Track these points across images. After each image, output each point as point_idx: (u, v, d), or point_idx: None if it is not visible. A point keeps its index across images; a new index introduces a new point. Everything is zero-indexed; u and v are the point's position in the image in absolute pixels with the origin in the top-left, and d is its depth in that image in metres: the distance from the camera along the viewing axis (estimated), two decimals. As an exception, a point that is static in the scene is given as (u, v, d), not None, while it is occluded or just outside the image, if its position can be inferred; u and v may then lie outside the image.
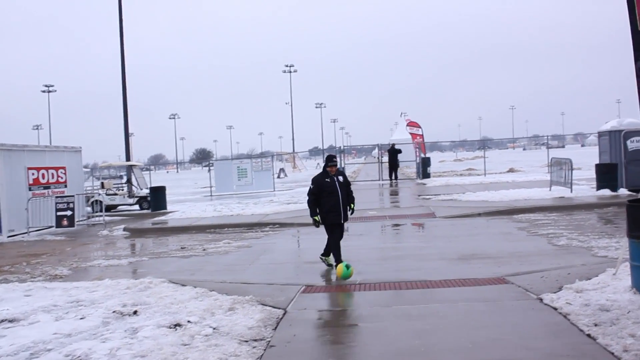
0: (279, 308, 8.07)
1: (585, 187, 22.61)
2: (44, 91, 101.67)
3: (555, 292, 7.94)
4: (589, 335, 6.26)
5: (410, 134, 45.35)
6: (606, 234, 13.30)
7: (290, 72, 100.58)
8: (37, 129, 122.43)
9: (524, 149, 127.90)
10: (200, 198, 32.96)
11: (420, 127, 47.92)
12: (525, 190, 23.54)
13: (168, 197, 27.80)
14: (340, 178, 10.80)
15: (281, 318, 7.63)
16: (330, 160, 10.78)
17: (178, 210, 24.70)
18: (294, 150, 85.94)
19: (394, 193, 28.70)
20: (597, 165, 22.31)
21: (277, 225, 18.36)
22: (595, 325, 6.46)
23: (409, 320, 7.39)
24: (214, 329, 7.07)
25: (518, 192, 22.57)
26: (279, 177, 50.14)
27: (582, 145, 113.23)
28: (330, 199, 10.57)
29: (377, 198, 26.52)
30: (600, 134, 23.99)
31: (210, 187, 35.52)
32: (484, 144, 57.86)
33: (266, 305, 8.21)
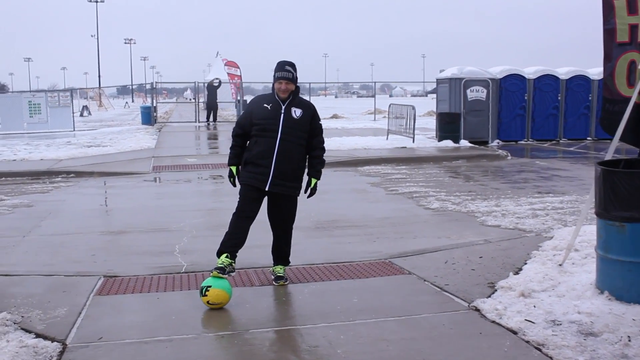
0: (53, 339, 4.60)
1: (422, 137, 20.94)
2: None
3: (490, 296, 5.37)
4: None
5: (228, 74, 41.99)
6: (477, 194, 11.26)
7: (97, 1, 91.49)
8: None
9: (336, 97, 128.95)
10: (-20, 137, 27.25)
11: (239, 67, 44.66)
12: (360, 138, 21.47)
13: None
14: (298, 112, 5.86)
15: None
16: (281, 68, 5.84)
17: (-57, 152, 19.48)
18: (99, 86, 78.44)
19: (214, 137, 25.39)
20: (439, 115, 20.70)
21: (72, 175, 14.39)
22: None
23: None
24: None
25: (354, 140, 20.37)
26: (81, 115, 44.31)
27: (390, 96, 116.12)
28: (261, 142, 5.80)
29: (196, 142, 23.08)
30: (439, 81, 22.41)
31: (-6, 124, 29.66)
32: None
33: (31, 331, 4.73)
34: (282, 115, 5.79)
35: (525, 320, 4.68)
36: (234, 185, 6.04)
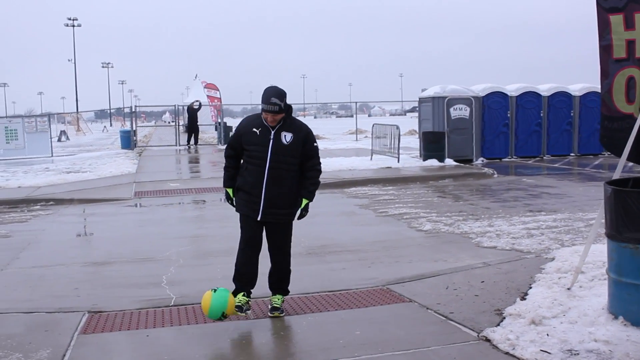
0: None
1: (406, 157, 20.76)
2: None
3: (499, 324, 5.10)
4: None
5: (208, 96, 41.79)
6: (468, 214, 11.05)
7: (73, 25, 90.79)
8: None
9: (315, 117, 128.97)
10: (-46, 164, 26.61)
11: (218, 89, 44.48)
12: (344, 159, 21.18)
13: None
14: (288, 137, 5.53)
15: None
16: (266, 101, 5.41)
17: None
18: (77, 111, 77.68)
19: (196, 160, 25.05)
20: (424, 134, 20.53)
21: (51, 202, 13.97)
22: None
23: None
24: None
25: (338, 162, 20.10)
26: (59, 140, 43.71)
27: (369, 115, 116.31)
28: (251, 170, 5.59)
29: (177, 167, 22.73)
30: (422, 100, 22.28)
31: (-30, 151, 29.04)
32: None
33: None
34: (270, 141, 5.51)
35: (541, 350, 4.42)
36: (233, 205, 5.83)
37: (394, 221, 10.72)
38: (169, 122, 66.16)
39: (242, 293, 5.61)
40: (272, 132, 5.53)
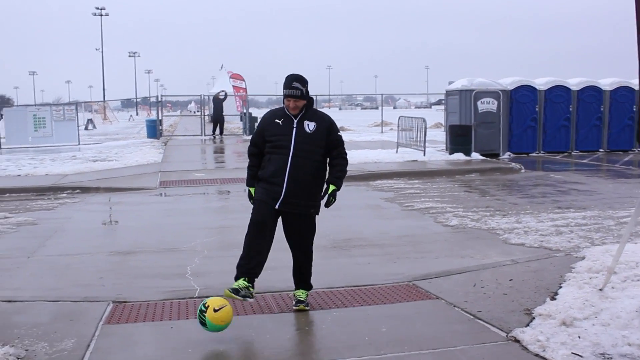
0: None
1: (432, 150, 20.57)
2: None
3: (529, 325, 5.00)
4: None
5: (234, 87, 41.81)
6: (495, 210, 10.90)
7: (101, 15, 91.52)
8: None
9: (340, 109, 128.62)
10: (-16, 152, 26.94)
11: (244, 80, 44.48)
12: (370, 151, 21.06)
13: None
14: (311, 125, 5.51)
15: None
16: (288, 85, 5.48)
17: (-52, 167, 19.16)
18: (104, 100, 78.38)
19: (221, 151, 25.08)
20: (450, 127, 20.31)
21: (77, 190, 14.07)
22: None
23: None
24: None
25: (363, 154, 19.99)
26: (86, 128, 44.15)
27: (394, 108, 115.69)
28: (274, 159, 5.48)
29: (202, 157, 22.79)
30: (449, 93, 22.04)
31: (-1, 138, 29.38)
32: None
33: (35, 369, 4.40)
34: (294, 129, 5.48)
35: (572, 353, 4.31)
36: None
37: (419, 215, 10.61)
38: (195, 112, 66.33)
39: (242, 278, 5.42)
40: (295, 121, 5.51)
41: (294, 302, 5.75)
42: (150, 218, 10.87)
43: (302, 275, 5.78)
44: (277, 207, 5.45)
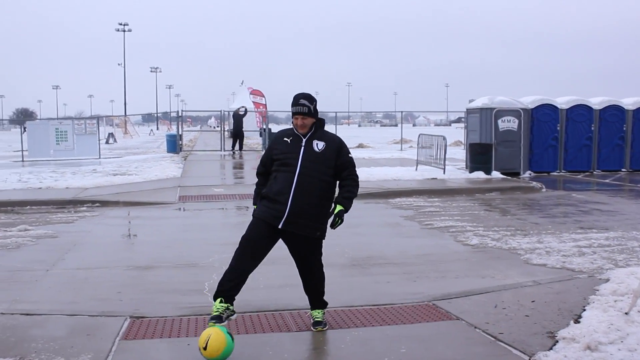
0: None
1: (452, 168, 20.45)
2: None
3: (552, 348, 4.89)
4: None
5: (254, 102, 42.04)
6: (516, 229, 10.76)
7: (124, 30, 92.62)
8: None
9: (359, 126, 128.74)
10: (7, 164, 27.12)
11: (264, 96, 44.73)
12: (389, 169, 21.02)
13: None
14: (320, 145, 5.37)
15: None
16: (295, 103, 5.39)
17: (-29, 179, 19.37)
18: (125, 114, 79.07)
19: (240, 166, 25.13)
20: (471, 145, 20.19)
21: (97, 204, 14.14)
22: None
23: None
24: None
25: (383, 171, 19.95)
26: (107, 142, 44.61)
27: (414, 125, 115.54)
28: (281, 177, 5.34)
29: (221, 172, 22.84)
30: (469, 111, 21.99)
31: (22, 151, 29.67)
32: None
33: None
34: (302, 148, 5.35)
35: (598, 380, 4.20)
36: None
37: (439, 234, 10.51)
38: (214, 127, 66.76)
39: (219, 299, 5.21)
40: (304, 140, 5.39)
41: (311, 323, 5.66)
42: (169, 233, 10.87)
43: (312, 294, 5.63)
44: (280, 226, 5.25)
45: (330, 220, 5.40)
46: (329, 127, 5.85)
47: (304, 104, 5.34)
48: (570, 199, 15.08)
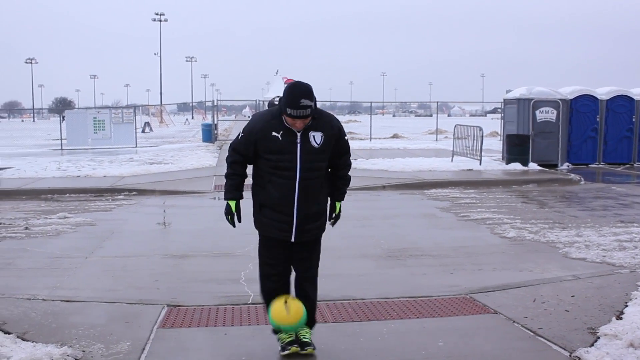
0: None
1: (488, 159, 20.21)
2: None
3: (593, 345, 4.80)
4: None
5: (289, 92, 42.03)
6: (554, 222, 10.58)
7: (160, 20, 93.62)
8: None
9: (394, 116, 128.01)
10: (47, 152, 27.68)
11: (298, 85, 44.65)
12: (424, 159, 20.88)
13: (4, 150, 22.65)
14: (318, 137, 4.55)
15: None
16: (294, 105, 4.39)
17: (12, 167, 19.71)
18: (161, 103, 79.85)
19: (275, 156, 25.13)
20: (508, 136, 19.91)
21: (134, 192, 14.32)
22: None
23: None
24: None
25: (418, 162, 19.82)
26: (143, 131, 45.12)
27: (449, 115, 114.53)
28: (278, 183, 4.61)
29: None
30: (507, 102, 21.65)
31: (61, 139, 30.20)
32: (354, 109, 55.04)
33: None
34: (298, 146, 4.49)
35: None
36: (233, 225, 4.93)
37: (476, 226, 10.39)
38: (249, 117, 66.98)
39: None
40: (299, 135, 4.50)
41: (299, 343, 4.82)
42: (205, 222, 10.95)
43: (304, 305, 4.68)
44: (292, 239, 4.65)
45: (332, 218, 4.93)
46: (362, 117, 5.76)
47: (306, 106, 4.36)
48: (610, 191, 14.79)
